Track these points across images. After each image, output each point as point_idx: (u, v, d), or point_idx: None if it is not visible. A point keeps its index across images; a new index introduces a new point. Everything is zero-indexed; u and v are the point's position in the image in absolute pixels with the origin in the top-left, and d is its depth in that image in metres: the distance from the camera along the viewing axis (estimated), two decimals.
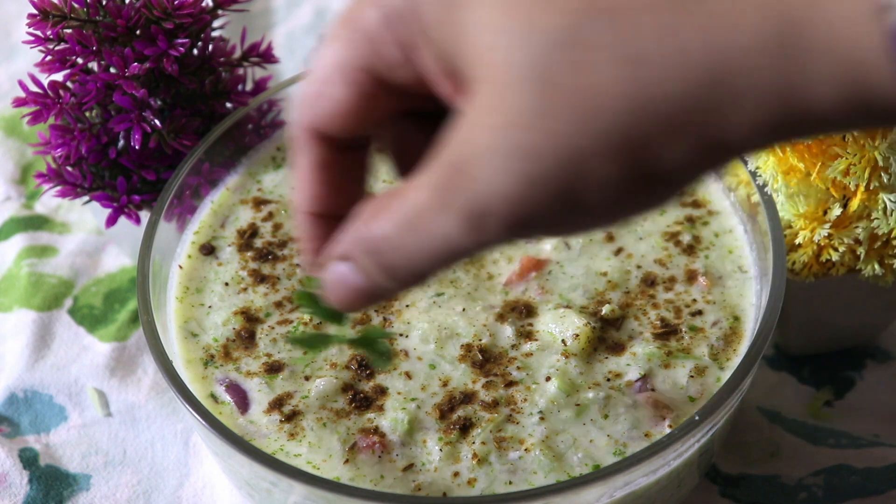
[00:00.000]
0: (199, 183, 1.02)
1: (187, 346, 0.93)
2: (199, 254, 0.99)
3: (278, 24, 1.45)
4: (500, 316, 0.93)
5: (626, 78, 0.54)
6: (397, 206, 0.62)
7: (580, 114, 0.55)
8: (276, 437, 0.87)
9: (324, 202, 0.71)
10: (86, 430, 1.05)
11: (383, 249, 0.63)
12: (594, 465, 0.84)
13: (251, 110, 1.05)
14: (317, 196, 0.71)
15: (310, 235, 0.72)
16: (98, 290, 1.16)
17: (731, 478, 0.99)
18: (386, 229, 0.62)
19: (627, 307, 0.93)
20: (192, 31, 1.01)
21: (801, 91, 0.54)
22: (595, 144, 0.55)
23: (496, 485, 0.83)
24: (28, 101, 1.00)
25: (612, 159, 0.55)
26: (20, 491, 1.00)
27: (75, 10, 0.98)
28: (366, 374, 0.90)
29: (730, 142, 0.55)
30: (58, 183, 1.04)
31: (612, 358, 0.90)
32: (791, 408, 1.04)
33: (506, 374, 0.89)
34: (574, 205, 0.57)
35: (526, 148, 0.56)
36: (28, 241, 1.20)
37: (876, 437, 1.01)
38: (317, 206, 0.71)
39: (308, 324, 0.92)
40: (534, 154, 0.56)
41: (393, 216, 0.62)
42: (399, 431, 0.86)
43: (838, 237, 0.92)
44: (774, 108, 0.54)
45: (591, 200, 0.57)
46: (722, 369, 0.89)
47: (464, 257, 0.61)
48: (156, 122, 1.00)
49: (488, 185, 0.57)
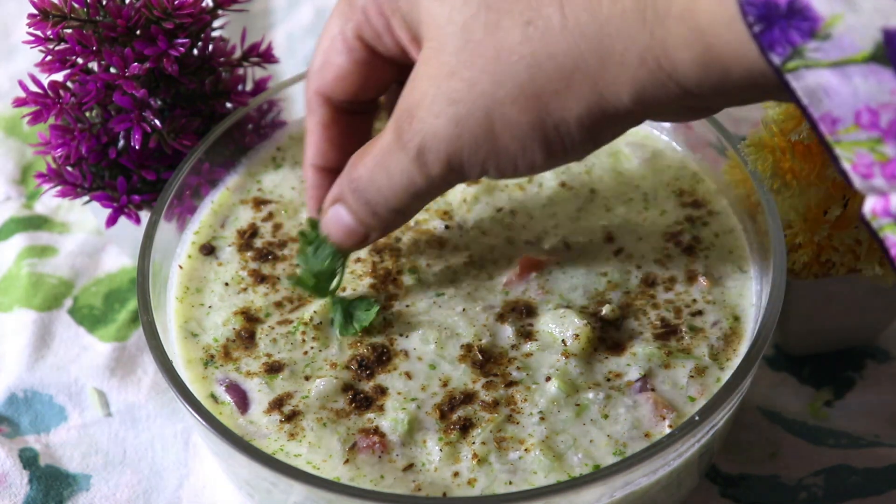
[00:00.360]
0: (199, 183, 1.02)
1: (187, 346, 0.93)
2: (199, 254, 0.99)
3: (278, 24, 1.45)
4: (501, 316, 0.93)
5: (529, 37, 0.68)
6: (371, 149, 0.75)
7: (492, 66, 0.68)
8: (276, 438, 0.87)
9: (328, 157, 0.84)
10: (86, 430, 1.05)
11: (362, 187, 0.77)
12: (594, 465, 0.84)
13: (251, 110, 1.06)
14: (322, 152, 0.84)
15: (314, 186, 0.85)
16: (98, 290, 1.16)
17: (731, 478, 0.99)
18: (362, 170, 0.76)
19: (627, 307, 0.93)
20: (192, 31, 1.01)
21: (666, 54, 0.65)
22: (505, 93, 0.69)
23: (496, 485, 0.83)
24: (28, 101, 1.00)
25: (520, 106, 0.69)
26: (20, 491, 1.00)
27: (75, 10, 0.98)
28: (366, 374, 0.90)
29: (615, 99, 0.67)
30: (58, 183, 1.04)
31: (612, 358, 0.90)
32: (791, 408, 1.04)
33: (506, 374, 0.89)
34: (494, 145, 0.71)
35: (453, 94, 0.70)
36: (28, 241, 1.20)
37: (876, 437, 1.01)
38: (322, 161, 0.84)
39: (308, 323, 0.92)
40: (458, 99, 0.70)
41: (367, 158, 0.76)
42: (399, 431, 0.86)
43: (838, 237, 0.92)
44: (647, 67, 0.65)
45: (508, 143, 0.70)
46: (722, 369, 0.89)
47: (426, 195, 0.75)
48: (156, 122, 1.00)
49: (428, 125, 0.71)
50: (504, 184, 1.02)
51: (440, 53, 0.71)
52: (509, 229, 0.99)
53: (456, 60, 0.70)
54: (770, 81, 0.62)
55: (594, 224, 0.99)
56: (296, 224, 1.01)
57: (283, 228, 1.00)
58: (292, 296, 0.95)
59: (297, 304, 0.95)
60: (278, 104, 1.09)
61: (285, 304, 0.95)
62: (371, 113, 0.86)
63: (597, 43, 0.67)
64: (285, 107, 1.10)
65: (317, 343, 0.92)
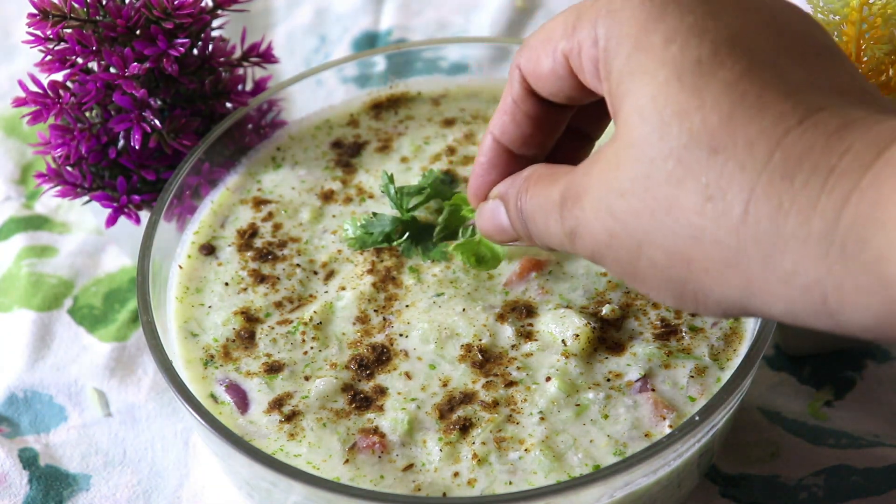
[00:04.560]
0: (199, 183, 1.02)
1: (187, 346, 0.93)
2: (199, 254, 0.99)
3: (278, 24, 1.45)
4: (501, 316, 0.92)
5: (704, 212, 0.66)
6: (543, 189, 0.78)
7: (660, 214, 0.68)
8: (276, 438, 0.87)
9: (510, 137, 0.84)
10: (86, 430, 1.05)
11: (525, 212, 0.80)
12: (594, 465, 0.84)
13: (251, 110, 1.06)
14: (507, 130, 0.84)
15: (486, 154, 0.86)
16: (98, 290, 1.16)
17: (731, 478, 0.99)
18: (531, 201, 0.79)
19: (627, 307, 0.93)
20: (192, 31, 1.01)
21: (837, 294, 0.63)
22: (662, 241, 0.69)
23: (496, 485, 0.83)
24: (28, 101, 1.00)
25: (670, 259, 0.69)
26: (20, 491, 1.00)
27: (75, 10, 0.98)
28: (366, 374, 0.90)
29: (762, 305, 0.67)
30: (58, 183, 1.04)
31: (613, 358, 0.90)
32: (791, 408, 1.04)
33: (506, 374, 0.89)
34: (633, 271, 0.72)
35: (618, 211, 0.70)
36: (28, 241, 1.20)
37: (876, 437, 1.01)
38: (503, 138, 0.85)
39: (308, 323, 0.92)
40: (620, 218, 0.70)
41: (539, 195, 0.78)
42: (399, 431, 0.86)
43: None
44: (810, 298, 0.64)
45: (645, 278, 0.72)
46: (722, 369, 0.89)
47: (568, 252, 0.78)
48: (156, 122, 1.00)
49: (586, 220, 0.73)
50: None
51: (620, 166, 0.70)
52: None
53: (630, 185, 0.69)
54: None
55: None
56: (295, 224, 1.01)
57: (282, 228, 1.00)
58: (292, 296, 0.95)
59: (297, 304, 0.95)
60: (278, 104, 1.09)
61: (285, 304, 0.95)
62: (566, 112, 0.85)
63: (766, 255, 0.65)
64: (285, 107, 1.10)
65: (317, 343, 0.92)
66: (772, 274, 0.65)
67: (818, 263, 0.62)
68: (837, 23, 0.94)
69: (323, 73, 1.10)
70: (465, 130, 1.08)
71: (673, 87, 0.68)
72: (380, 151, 1.07)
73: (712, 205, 0.66)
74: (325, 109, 1.11)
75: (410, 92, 1.12)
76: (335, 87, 1.14)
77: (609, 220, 0.71)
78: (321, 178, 1.05)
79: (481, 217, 0.86)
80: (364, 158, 1.07)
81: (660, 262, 0.70)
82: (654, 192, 0.68)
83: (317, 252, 0.99)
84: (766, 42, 0.69)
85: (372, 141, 1.08)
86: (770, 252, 0.64)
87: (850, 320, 0.63)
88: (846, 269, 0.61)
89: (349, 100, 1.12)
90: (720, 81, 0.67)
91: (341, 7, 1.46)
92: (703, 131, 0.66)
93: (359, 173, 1.05)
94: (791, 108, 0.66)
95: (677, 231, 0.68)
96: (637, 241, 0.70)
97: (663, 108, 0.68)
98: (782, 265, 0.64)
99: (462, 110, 1.10)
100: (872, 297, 0.61)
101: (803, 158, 0.64)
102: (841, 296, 0.62)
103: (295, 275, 0.97)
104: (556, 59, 0.77)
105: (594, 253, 0.74)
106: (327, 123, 1.10)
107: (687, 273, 0.69)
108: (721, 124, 0.66)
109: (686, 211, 0.67)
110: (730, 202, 0.65)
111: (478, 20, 1.44)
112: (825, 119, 0.65)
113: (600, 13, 0.73)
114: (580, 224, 0.73)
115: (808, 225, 0.63)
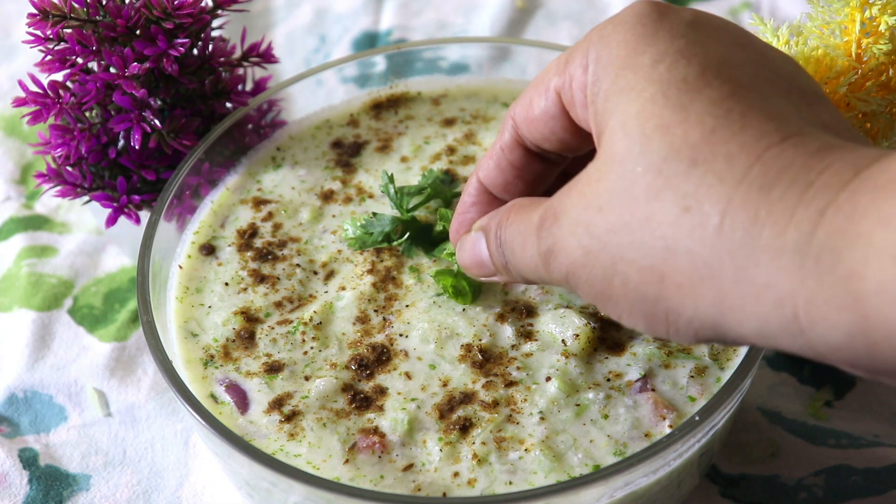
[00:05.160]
0: (199, 183, 1.02)
1: (187, 346, 0.93)
2: (199, 254, 0.99)
3: (278, 24, 1.45)
4: (501, 316, 0.92)
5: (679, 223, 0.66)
6: (523, 216, 0.78)
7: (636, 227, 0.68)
8: (275, 438, 0.87)
9: (494, 181, 0.86)
10: (86, 430, 1.05)
11: (504, 242, 0.79)
12: (594, 465, 0.84)
13: (251, 110, 1.06)
14: (492, 175, 0.85)
15: (470, 195, 0.87)
16: (98, 290, 1.16)
17: (731, 478, 0.99)
18: (509, 230, 0.79)
19: None
20: (191, 31, 1.01)
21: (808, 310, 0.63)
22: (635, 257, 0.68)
23: (496, 485, 0.83)
24: (28, 101, 1.00)
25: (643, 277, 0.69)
26: (20, 491, 1.00)
27: (75, 10, 0.98)
28: (366, 374, 0.90)
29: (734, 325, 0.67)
30: (58, 183, 1.04)
31: (612, 358, 0.90)
32: (791, 408, 1.04)
33: (506, 374, 0.89)
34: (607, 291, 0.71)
35: (593, 227, 0.70)
36: (28, 241, 1.20)
37: (876, 437, 1.01)
38: (487, 181, 0.86)
39: (308, 323, 0.92)
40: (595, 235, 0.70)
41: (518, 221, 0.78)
42: (399, 431, 0.86)
43: None
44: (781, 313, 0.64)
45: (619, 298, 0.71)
46: (722, 369, 0.89)
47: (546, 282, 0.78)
48: (156, 122, 1.00)
49: (562, 237, 0.73)
50: None
51: (601, 180, 0.70)
52: None
53: (608, 199, 0.69)
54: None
55: None
56: (295, 224, 1.01)
57: (282, 228, 1.00)
58: (292, 296, 0.95)
59: (297, 304, 0.95)
60: (278, 104, 1.09)
61: (285, 304, 0.95)
62: (553, 167, 0.86)
63: (740, 266, 0.64)
64: (285, 107, 1.10)
65: (317, 343, 0.92)
66: (745, 287, 0.64)
67: (791, 276, 0.62)
68: (837, 23, 0.94)
69: (323, 73, 1.10)
70: (465, 130, 1.08)
71: (658, 103, 0.69)
72: (380, 151, 1.07)
73: (689, 216, 0.66)
74: (325, 109, 1.11)
75: (410, 92, 1.12)
76: (335, 87, 1.14)
77: (585, 237, 0.71)
78: (321, 178, 1.05)
79: (462, 250, 0.86)
80: (364, 158, 1.07)
81: (633, 280, 0.69)
82: (631, 207, 0.68)
83: (317, 252, 0.99)
84: (753, 73, 0.70)
85: (372, 141, 1.08)
86: (744, 264, 0.64)
87: (820, 337, 0.62)
88: (819, 283, 0.61)
89: (349, 100, 1.12)
90: (705, 99, 0.68)
91: (341, 7, 1.46)
92: (685, 145, 0.67)
93: (359, 173, 1.05)
94: (774, 129, 0.66)
95: (653, 244, 0.68)
96: (612, 258, 0.70)
97: (646, 122, 0.69)
98: (756, 278, 0.64)
99: (462, 110, 1.10)
100: (843, 313, 0.60)
101: (782, 173, 0.64)
102: (812, 310, 0.62)
103: (295, 275, 0.97)
104: (548, 97, 0.78)
105: (568, 274, 0.73)
106: (327, 123, 1.10)
107: (659, 290, 0.68)
108: (703, 139, 0.67)
109: (662, 224, 0.67)
110: (706, 213, 0.65)
111: (478, 20, 1.44)
112: (806, 140, 0.66)
113: (592, 40, 0.75)
114: (556, 242, 0.73)
115: (783, 236, 0.63)
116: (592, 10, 1.45)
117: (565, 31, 1.43)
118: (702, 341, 0.70)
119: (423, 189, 1.00)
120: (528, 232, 0.76)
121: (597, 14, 1.44)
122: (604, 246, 0.70)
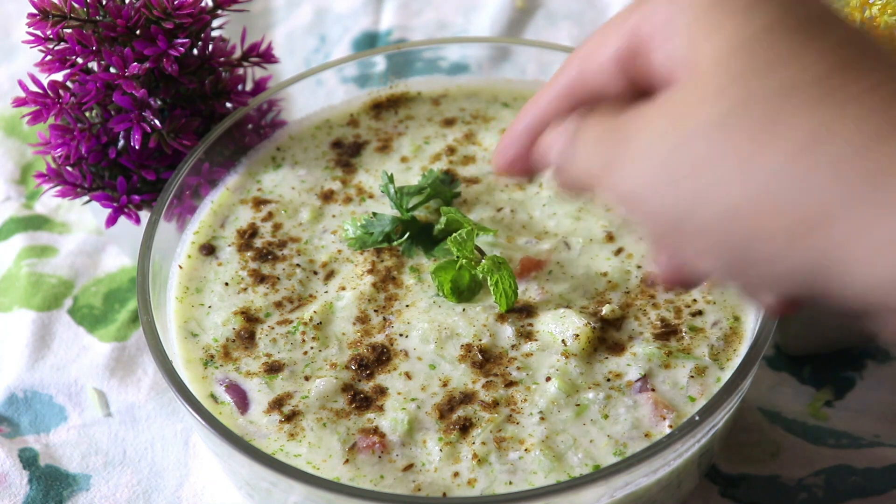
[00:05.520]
0: (199, 183, 1.02)
1: (187, 346, 0.93)
2: (199, 254, 0.99)
3: (278, 24, 1.45)
4: (501, 316, 0.92)
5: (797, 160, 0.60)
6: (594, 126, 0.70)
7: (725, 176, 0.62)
8: (275, 438, 0.87)
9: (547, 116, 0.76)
10: (86, 430, 1.05)
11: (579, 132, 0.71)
12: (594, 465, 0.84)
13: (251, 110, 1.06)
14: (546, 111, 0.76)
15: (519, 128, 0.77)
16: (98, 290, 1.16)
17: (731, 478, 0.99)
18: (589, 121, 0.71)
19: (627, 307, 0.93)
20: (192, 31, 1.01)
21: None
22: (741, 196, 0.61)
23: (496, 485, 0.83)
24: (28, 101, 1.00)
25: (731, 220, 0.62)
26: (20, 491, 1.00)
27: (75, 10, 0.98)
28: (366, 374, 0.90)
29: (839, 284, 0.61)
30: (58, 183, 1.04)
31: (613, 358, 0.90)
32: (791, 408, 1.04)
33: (506, 374, 0.89)
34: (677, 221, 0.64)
35: (661, 162, 0.64)
36: (28, 241, 1.20)
37: (876, 437, 1.01)
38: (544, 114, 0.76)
39: (308, 323, 0.92)
40: (663, 171, 0.64)
41: (592, 132, 0.70)
42: (399, 431, 0.86)
43: None
44: None
45: (692, 238, 0.64)
46: (722, 369, 0.89)
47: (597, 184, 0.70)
48: (156, 122, 1.00)
49: (628, 164, 0.66)
50: (504, 183, 1.02)
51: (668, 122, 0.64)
52: (509, 229, 0.99)
53: (706, 127, 0.63)
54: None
55: (594, 224, 0.99)
56: (295, 224, 1.01)
57: (282, 228, 1.00)
58: (292, 296, 0.95)
59: (297, 304, 0.95)
60: (278, 104, 1.09)
61: (285, 304, 0.95)
62: None
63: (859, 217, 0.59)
64: (285, 107, 1.10)
65: (317, 343, 0.92)
66: (866, 240, 0.58)
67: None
68: None
69: (323, 73, 1.10)
70: (465, 130, 1.08)
71: (775, 33, 0.63)
72: (380, 151, 1.07)
73: (805, 157, 0.60)
74: (325, 109, 1.11)
75: (410, 92, 1.12)
76: (335, 87, 1.14)
77: (654, 169, 0.65)
78: (321, 178, 1.05)
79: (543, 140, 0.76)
80: (364, 158, 1.07)
81: (716, 221, 0.63)
82: (733, 137, 0.61)
83: (317, 252, 0.99)
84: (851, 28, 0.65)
85: (372, 141, 1.08)
86: (864, 215, 0.58)
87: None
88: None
89: (349, 100, 1.12)
90: (823, 40, 0.63)
91: (341, 7, 1.46)
92: (812, 78, 0.61)
93: (359, 173, 1.05)
94: None
95: (754, 185, 0.61)
96: (695, 192, 0.63)
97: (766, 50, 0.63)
98: (878, 232, 0.58)
99: (462, 110, 1.10)
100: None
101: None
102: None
103: (295, 275, 0.97)
104: (621, 35, 0.71)
105: (627, 196, 0.67)
106: (327, 123, 1.10)
107: (752, 235, 0.62)
108: (830, 73, 0.61)
109: (767, 164, 0.60)
110: (826, 153, 0.59)
111: (478, 20, 1.44)
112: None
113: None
114: (623, 166, 0.67)
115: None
116: (592, 10, 1.45)
117: (565, 31, 1.43)
118: (789, 295, 0.64)
119: (423, 189, 1.00)
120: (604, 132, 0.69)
121: (597, 14, 1.44)
122: (667, 184, 0.64)
